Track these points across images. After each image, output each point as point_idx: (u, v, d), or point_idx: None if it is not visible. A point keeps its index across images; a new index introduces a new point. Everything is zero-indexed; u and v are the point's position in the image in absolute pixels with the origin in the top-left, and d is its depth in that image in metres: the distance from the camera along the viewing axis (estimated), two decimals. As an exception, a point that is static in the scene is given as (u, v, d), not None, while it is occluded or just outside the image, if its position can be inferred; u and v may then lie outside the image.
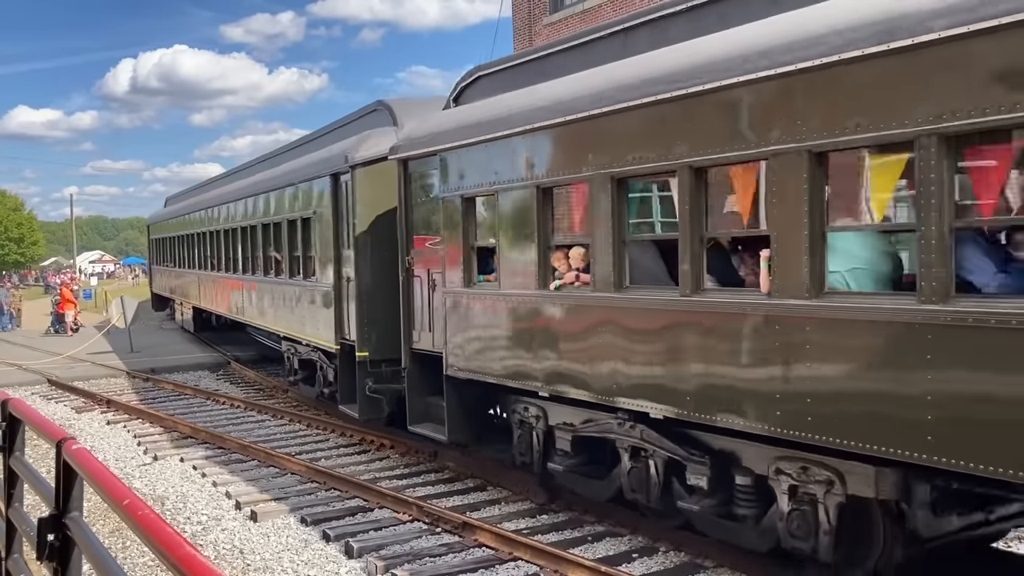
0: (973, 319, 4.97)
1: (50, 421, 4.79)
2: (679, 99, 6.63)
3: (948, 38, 4.91)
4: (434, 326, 10.11)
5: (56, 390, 18.67)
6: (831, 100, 5.62)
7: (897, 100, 5.23)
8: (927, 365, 5.20)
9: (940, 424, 5.15)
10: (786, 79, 5.85)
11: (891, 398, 5.40)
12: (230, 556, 8.27)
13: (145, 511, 2.87)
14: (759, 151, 6.08)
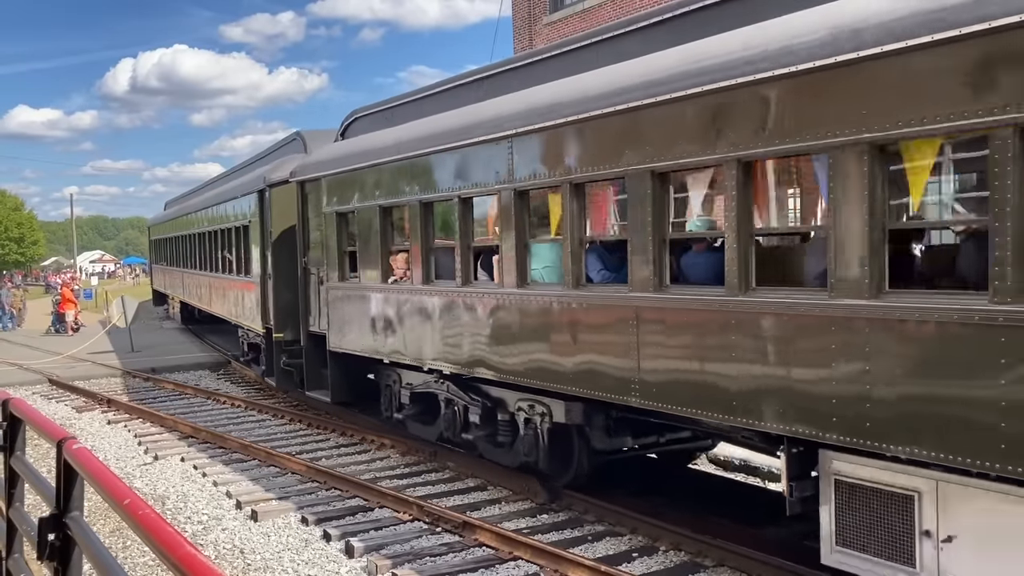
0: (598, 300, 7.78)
1: (51, 421, 4.80)
2: (465, 147, 9.39)
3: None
4: (321, 312, 12.94)
5: (57, 390, 18.68)
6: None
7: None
8: (572, 328, 8.04)
9: (603, 368, 7.63)
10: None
11: (564, 353, 8.11)
12: (230, 556, 8.28)
13: (146, 511, 2.87)
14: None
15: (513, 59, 10.45)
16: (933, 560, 5.39)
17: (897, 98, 5.29)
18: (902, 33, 5.21)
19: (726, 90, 6.34)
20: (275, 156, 17.67)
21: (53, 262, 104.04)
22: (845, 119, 5.54)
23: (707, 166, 6.76)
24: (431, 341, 10.10)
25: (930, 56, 5.10)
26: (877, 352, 5.51)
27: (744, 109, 6.25)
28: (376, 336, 11.28)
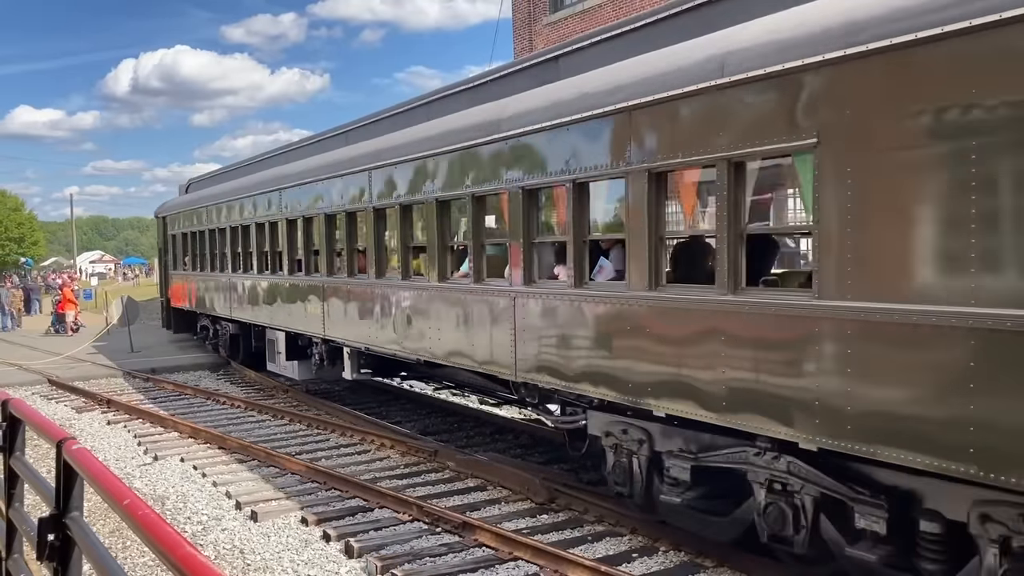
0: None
1: (50, 421, 4.80)
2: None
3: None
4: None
5: (56, 390, 18.68)
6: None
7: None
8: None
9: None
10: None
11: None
12: (230, 556, 8.28)
13: (145, 511, 2.88)
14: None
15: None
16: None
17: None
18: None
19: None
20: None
21: (53, 262, 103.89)
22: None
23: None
24: (221, 299, 19.91)
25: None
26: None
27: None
28: (198, 298, 21.75)
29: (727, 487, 7.04)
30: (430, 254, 10.65)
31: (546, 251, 8.92)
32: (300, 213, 14.73)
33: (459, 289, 10.07)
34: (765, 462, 6.61)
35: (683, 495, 7.38)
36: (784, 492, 6.51)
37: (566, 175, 8.13)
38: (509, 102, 9.46)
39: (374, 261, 12.17)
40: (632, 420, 7.92)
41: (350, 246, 13.07)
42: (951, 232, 5.09)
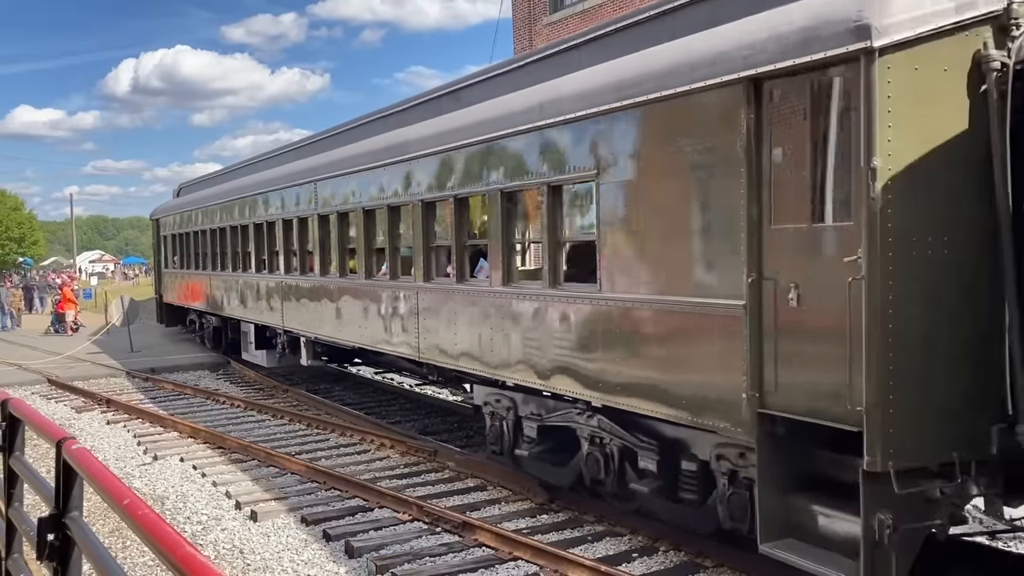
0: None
1: (50, 421, 4.79)
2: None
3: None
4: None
5: (56, 390, 18.67)
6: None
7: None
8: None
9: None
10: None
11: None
12: (230, 556, 8.28)
13: (145, 511, 2.87)
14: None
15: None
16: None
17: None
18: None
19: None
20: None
21: (53, 262, 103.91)
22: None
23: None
24: (203, 295, 22.12)
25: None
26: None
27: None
28: (190, 295, 23.57)
29: (566, 442, 8.84)
30: (359, 255, 12.51)
31: (441, 253, 10.67)
32: (264, 218, 16.84)
33: (379, 285, 12.00)
34: (584, 420, 8.41)
35: (531, 449, 9.34)
36: (599, 444, 8.29)
37: (451, 191, 10.03)
38: (412, 129, 11.51)
39: (319, 261, 14.04)
40: (503, 391, 9.66)
41: (301, 248, 15.05)
42: (674, 242, 6.84)
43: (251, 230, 17.66)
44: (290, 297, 15.53)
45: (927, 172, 5.39)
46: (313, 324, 14.49)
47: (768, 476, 6.14)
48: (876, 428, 5.28)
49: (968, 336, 5.50)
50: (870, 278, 5.30)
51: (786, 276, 5.92)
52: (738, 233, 6.20)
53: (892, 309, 5.33)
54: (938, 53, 5.39)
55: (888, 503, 5.34)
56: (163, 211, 27.53)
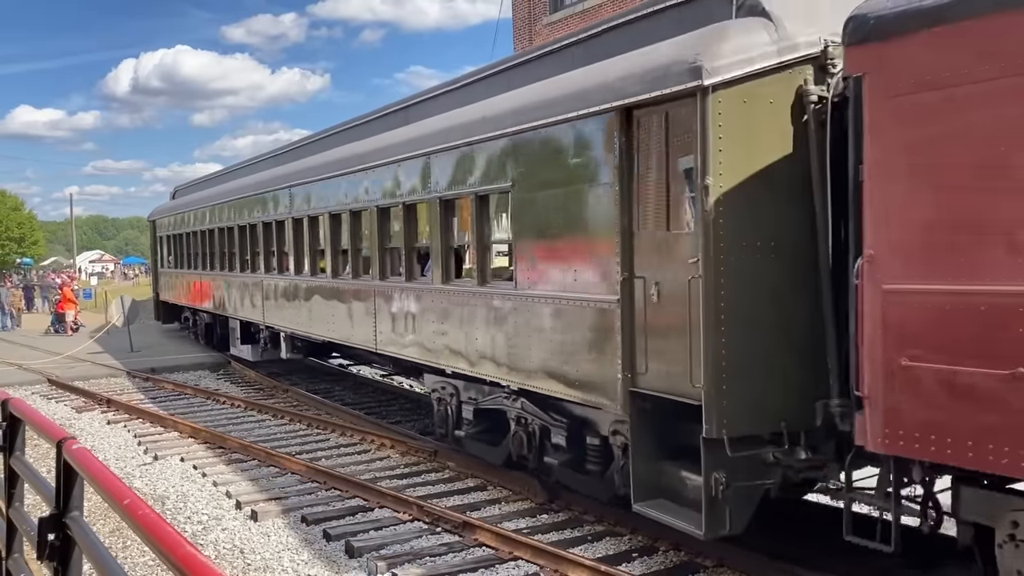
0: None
1: (50, 421, 4.79)
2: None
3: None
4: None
5: (56, 390, 18.67)
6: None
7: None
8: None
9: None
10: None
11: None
12: (230, 556, 8.28)
13: (145, 511, 2.87)
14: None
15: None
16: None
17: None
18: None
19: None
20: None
21: (53, 262, 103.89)
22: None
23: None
24: (195, 293, 23.48)
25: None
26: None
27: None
28: (183, 294, 24.89)
29: (498, 423, 9.74)
30: (327, 256, 13.70)
31: (394, 255, 11.60)
32: (247, 221, 18.05)
33: (343, 283, 13.13)
34: (511, 403, 9.31)
35: (469, 430, 10.33)
36: (524, 424, 9.17)
37: (400, 199, 11.13)
38: (368, 142, 12.77)
39: (293, 261, 15.29)
40: (447, 379, 10.50)
41: (279, 249, 16.17)
42: (566, 246, 7.99)
43: (236, 232, 18.92)
44: (269, 295, 16.79)
45: (754, 188, 6.42)
46: (290, 320, 15.70)
47: (639, 445, 7.18)
48: (712, 402, 6.35)
49: (792, 324, 6.48)
50: (705, 277, 6.36)
51: (650, 275, 7.03)
52: (613, 238, 7.29)
53: (724, 303, 6.35)
54: (764, 89, 6.45)
55: (723, 465, 6.38)
56: (159, 213, 29.04)
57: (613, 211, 7.27)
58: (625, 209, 7.19)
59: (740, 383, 6.37)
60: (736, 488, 6.44)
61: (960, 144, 5.16)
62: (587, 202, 7.66)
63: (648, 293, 7.01)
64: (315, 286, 14.35)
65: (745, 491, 6.51)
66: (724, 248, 6.36)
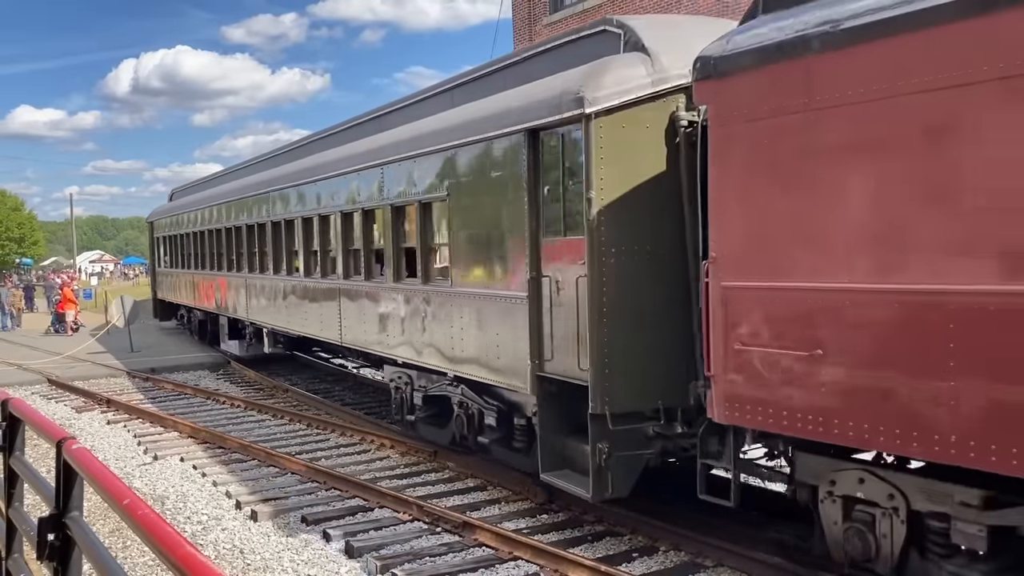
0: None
1: (50, 421, 4.79)
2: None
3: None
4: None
5: (56, 390, 18.67)
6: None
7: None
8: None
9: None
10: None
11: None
12: (230, 556, 8.28)
13: (145, 511, 2.87)
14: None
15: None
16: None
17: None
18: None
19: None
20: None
21: (53, 262, 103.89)
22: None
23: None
24: (187, 291, 24.59)
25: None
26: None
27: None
28: (179, 292, 25.79)
29: (445, 408, 10.71)
30: (300, 257, 14.94)
31: (357, 255, 12.57)
32: (232, 223, 19.32)
33: (314, 282, 14.33)
34: (453, 389, 10.23)
35: (419, 415, 11.30)
36: (465, 408, 10.04)
37: (359, 205, 12.25)
38: (330, 153, 14.28)
39: (272, 262, 16.54)
40: (402, 368, 11.48)
41: (260, 250, 17.33)
42: (488, 248, 9.06)
43: (223, 234, 20.28)
44: (252, 294, 18.11)
45: (632, 200, 7.47)
46: (270, 317, 17.01)
47: (546, 423, 8.30)
48: (596, 383, 7.44)
49: (667, 316, 7.48)
50: (590, 276, 7.45)
51: (552, 275, 8.12)
52: (524, 242, 8.34)
53: (605, 298, 7.44)
54: (641, 115, 7.48)
55: (607, 437, 7.46)
56: (156, 214, 30.64)
57: (523, 218, 8.34)
58: (532, 217, 8.28)
59: (620, 366, 7.45)
60: (618, 457, 7.54)
61: (773, 167, 6.10)
62: (504, 210, 8.73)
63: (551, 290, 8.13)
64: (290, 285, 15.55)
65: (627, 460, 7.60)
66: (605, 251, 7.45)
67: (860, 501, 6.05)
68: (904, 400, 5.31)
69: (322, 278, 13.82)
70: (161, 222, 29.03)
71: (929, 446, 5.19)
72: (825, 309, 5.76)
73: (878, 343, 5.48)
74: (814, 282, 5.81)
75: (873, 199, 5.51)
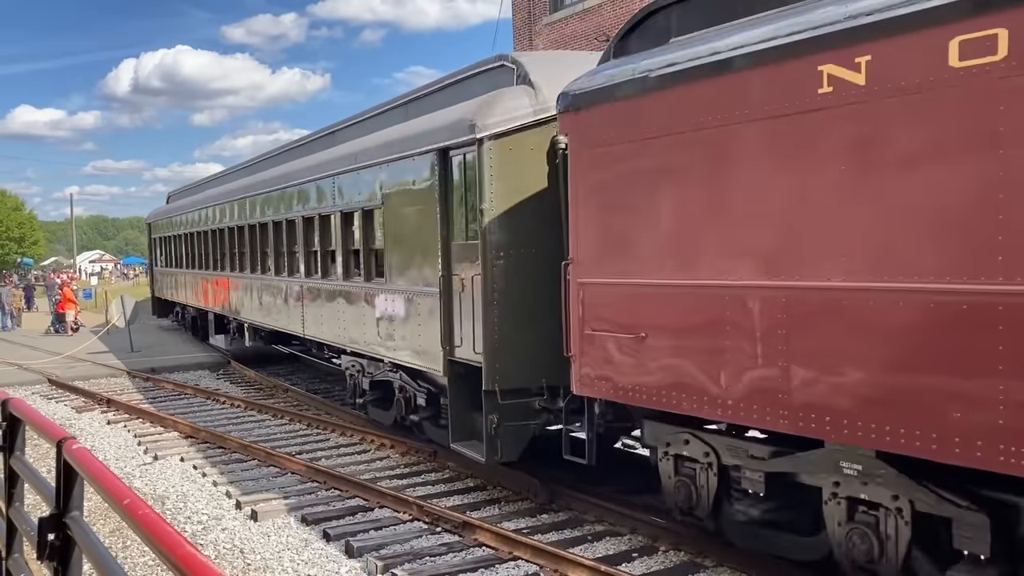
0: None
1: (50, 421, 4.79)
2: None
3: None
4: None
5: (56, 390, 18.67)
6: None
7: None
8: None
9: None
10: None
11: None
12: (230, 556, 8.28)
13: (145, 511, 2.87)
14: None
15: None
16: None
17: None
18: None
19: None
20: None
21: (53, 262, 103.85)
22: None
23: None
24: (180, 289, 26.21)
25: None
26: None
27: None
28: (173, 290, 27.45)
29: (389, 392, 11.91)
30: (271, 256, 16.49)
31: (314, 256, 14.07)
32: (215, 226, 21.11)
33: (282, 280, 15.80)
34: (394, 375, 11.52)
35: (367, 399, 12.51)
36: (404, 391, 11.29)
37: (315, 211, 13.80)
38: (291, 164, 16.14)
39: (249, 261, 18.08)
40: (356, 357, 12.74)
41: (240, 250, 18.88)
42: (411, 251, 10.52)
43: (208, 235, 21.98)
44: (233, 291, 19.68)
45: (518, 210, 8.88)
46: (248, 312, 18.48)
47: (455, 400, 9.70)
48: (488, 364, 8.86)
49: (548, 307, 8.40)
50: (483, 275, 8.87)
51: (459, 273, 9.46)
52: (437, 245, 9.70)
53: (495, 292, 8.84)
54: (526, 139, 8.85)
55: (497, 410, 8.87)
56: (154, 216, 32.48)
57: (436, 225, 9.76)
58: (444, 224, 9.70)
59: (508, 350, 8.84)
60: (507, 427, 8.95)
61: (609, 187, 7.43)
62: (423, 218, 10.11)
63: (458, 286, 9.47)
64: (263, 284, 17.16)
65: (515, 429, 8.99)
66: (495, 253, 8.87)
67: (686, 459, 7.24)
68: (697, 371, 6.65)
69: (288, 276, 15.39)
70: (158, 223, 30.73)
71: (714, 408, 6.56)
72: (645, 300, 7.15)
73: (681, 326, 6.84)
74: (638, 279, 7.20)
75: (674, 213, 6.90)
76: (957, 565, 5.43)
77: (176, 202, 29.18)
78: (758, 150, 6.14)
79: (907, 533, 5.58)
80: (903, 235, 5.31)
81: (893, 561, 5.66)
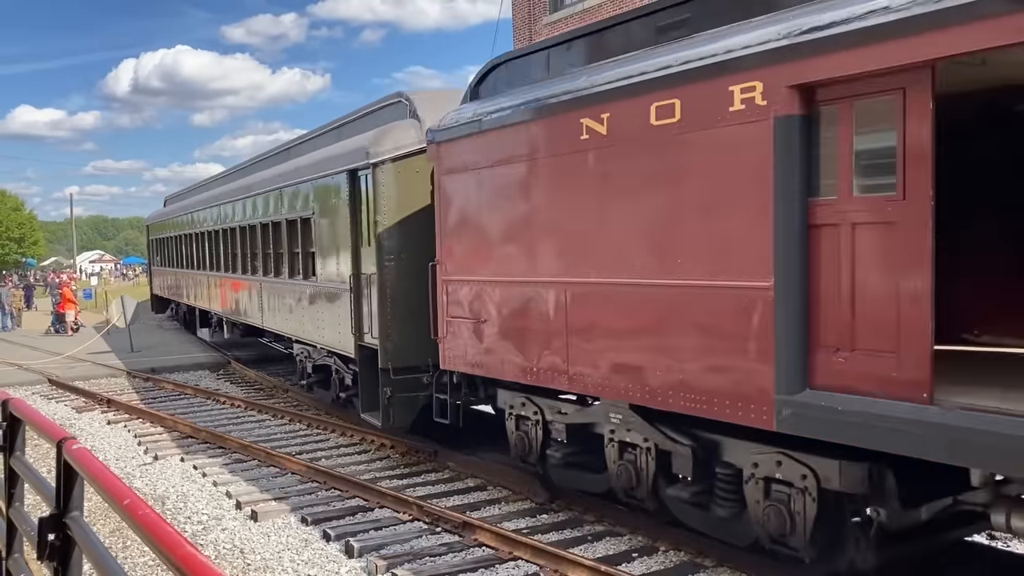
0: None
1: (50, 421, 4.79)
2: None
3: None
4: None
5: (56, 390, 18.67)
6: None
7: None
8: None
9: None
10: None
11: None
12: (230, 556, 8.28)
13: (145, 511, 2.87)
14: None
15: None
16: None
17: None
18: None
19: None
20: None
21: (53, 262, 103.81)
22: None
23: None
24: (174, 287, 28.44)
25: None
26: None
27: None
28: (168, 288, 29.71)
29: (329, 375, 13.85)
30: (239, 257, 18.55)
31: (268, 258, 16.29)
32: (198, 230, 23.22)
33: (247, 278, 17.96)
34: (330, 359, 13.50)
35: (310, 380, 14.74)
36: (338, 373, 13.21)
37: (270, 218, 15.99)
38: (255, 176, 18.37)
39: (222, 261, 20.28)
40: (304, 345, 14.70)
41: (216, 251, 20.97)
42: (331, 252, 12.69)
43: (193, 238, 24.13)
44: (212, 288, 21.89)
45: (405, 222, 10.90)
46: (222, 307, 20.90)
47: (363, 377, 11.76)
48: (382, 346, 10.93)
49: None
50: (378, 274, 10.96)
51: (365, 272, 11.51)
52: (349, 249, 11.80)
53: (388, 288, 10.89)
54: (412, 163, 10.88)
55: (391, 384, 10.91)
56: (152, 218, 35.63)
57: (347, 232, 11.89)
58: (354, 231, 11.78)
59: (396, 335, 10.86)
60: (399, 398, 10.93)
61: (458, 203, 9.47)
62: (341, 226, 12.17)
63: (364, 283, 11.49)
64: (232, 281, 19.48)
65: (406, 400, 10.96)
66: (386, 256, 10.93)
67: (523, 418, 9.07)
68: (514, 347, 8.67)
69: (252, 275, 17.58)
70: (154, 225, 33.88)
71: (527, 375, 8.51)
72: (482, 294, 9.09)
73: (504, 313, 8.81)
74: (478, 276, 9.16)
75: (498, 226, 8.85)
76: (675, 485, 7.32)
77: (170, 206, 31.72)
78: (547, 181, 8.16)
79: (653, 466, 7.45)
80: (628, 244, 7.23)
81: (646, 486, 7.56)
